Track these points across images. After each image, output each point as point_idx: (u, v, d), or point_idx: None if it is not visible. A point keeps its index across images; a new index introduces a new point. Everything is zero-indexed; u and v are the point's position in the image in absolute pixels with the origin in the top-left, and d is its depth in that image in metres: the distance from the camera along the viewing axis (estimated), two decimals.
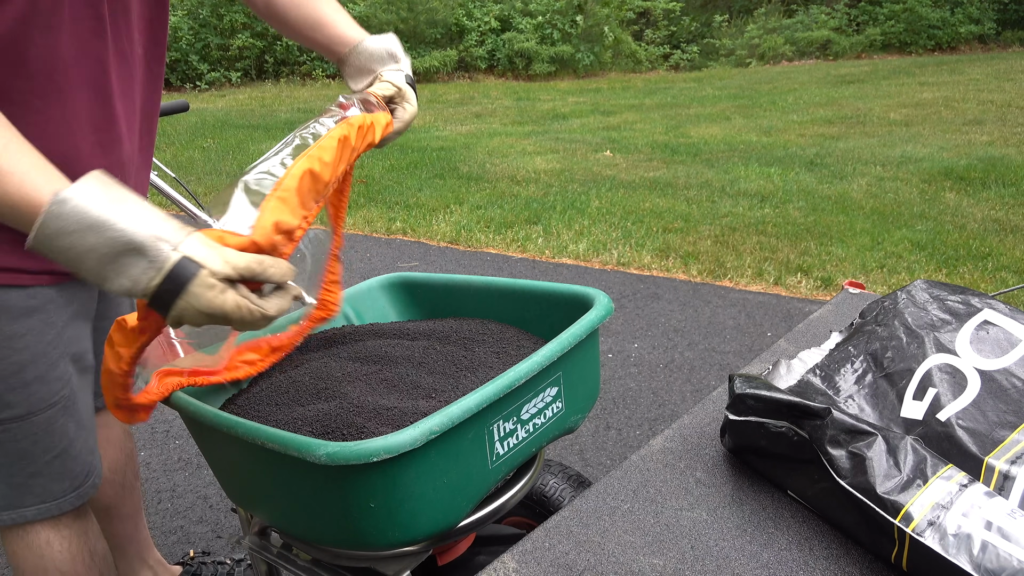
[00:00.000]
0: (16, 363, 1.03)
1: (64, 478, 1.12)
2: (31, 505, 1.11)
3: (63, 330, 1.08)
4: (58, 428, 1.09)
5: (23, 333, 1.02)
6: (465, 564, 1.16)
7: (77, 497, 1.14)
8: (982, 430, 0.79)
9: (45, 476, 1.10)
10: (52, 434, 1.08)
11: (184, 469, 2.29)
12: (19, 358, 1.03)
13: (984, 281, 3.54)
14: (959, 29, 13.90)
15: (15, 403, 1.04)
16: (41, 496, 1.11)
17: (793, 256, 3.99)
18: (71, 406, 1.11)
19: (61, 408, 1.09)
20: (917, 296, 0.98)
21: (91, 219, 0.67)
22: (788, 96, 9.78)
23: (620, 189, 5.49)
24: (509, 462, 0.95)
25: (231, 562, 1.81)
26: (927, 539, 0.68)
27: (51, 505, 1.12)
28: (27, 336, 1.03)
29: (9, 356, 1.02)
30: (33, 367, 1.04)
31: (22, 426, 1.05)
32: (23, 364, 1.03)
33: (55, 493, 1.12)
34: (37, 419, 1.06)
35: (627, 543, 0.79)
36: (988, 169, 5.41)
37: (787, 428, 0.83)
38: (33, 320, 1.03)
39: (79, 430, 1.13)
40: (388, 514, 0.84)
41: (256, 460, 0.91)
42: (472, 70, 13.63)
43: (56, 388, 1.08)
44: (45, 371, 1.06)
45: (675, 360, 2.94)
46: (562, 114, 9.39)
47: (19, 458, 1.07)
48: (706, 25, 16.67)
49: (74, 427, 1.12)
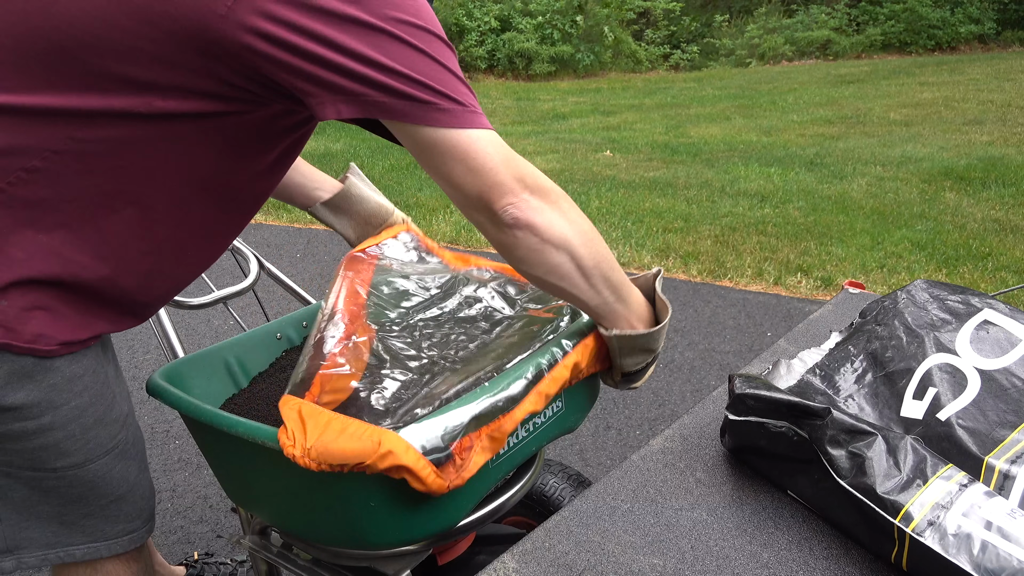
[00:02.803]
0: (77, 407, 0.93)
1: (119, 521, 1.03)
2: (80, 544, 1.02)
3: (109, 365, 1.00)
4: (116, 474, 1.00)
5: (81, 373, 0.93)
6: (465, 564, 1.16)
7: (130, 541, 1.06)
8: (982, 430, 0.79)
9: (98, 518, 1.02)
10: (110, 482, 0.99)
11: (184, 469, 2.29)
12: (80, 401, 0.93)
13: (984, 281, 3.54)
14: (959, 29, 13.90)
15: (73, 451, 0.94)
16: (92, 536, 1.02)
17: (793, 256, 3.99)
18: (129, 449, 1.02)
19: (119, 453, 1.00)
20: (917, 296, 0.98)
21: None
22: (788, 96, 9.78)
23: (620, 189, 5.49)
24: (509, 462, 0.95)
25: (233, 563, 1.80)
26: (927, 539, 0.68)
27: (100, 546, 1.03)
28: (85, 376, 0.93)
29: (70, 400, 0.92)
30: (93, 409, 0.95)
31: (78, 474, 0.96)
32: (84, 407, 0.94)
33: (107, 535, 1.03)
34: (94, 466, 0.97)
35: (627, 543, 0.79)
36: (988, 169, 5.41)
37: (787, 428, 0.83)
38: (88, 359, 0.94)
39: (140, 473, 1.05)
40: (388, 514, 0.84)
41: (256, 460, 0.91)
42: (472, 70, 13.62)
43: (114, 431, 0.99)
44: (104, 413, 0.97)
45: (675, 360, 2.94)
46: (562, 114, 9.38)
47: (71, 502, 0.99)
48: (706, 25, 16.68)
49: (135, 471, 1.04)
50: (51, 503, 0.97)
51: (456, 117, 0.82)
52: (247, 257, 1.44)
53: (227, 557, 1.82)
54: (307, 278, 3.85)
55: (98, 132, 0.81)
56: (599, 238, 0.91)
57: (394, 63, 0.79)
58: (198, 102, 0.81)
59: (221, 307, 3.13)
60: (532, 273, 0.90)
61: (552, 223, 0.86)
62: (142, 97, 0.79)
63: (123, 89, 0.79)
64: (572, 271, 0.89)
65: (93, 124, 0.80)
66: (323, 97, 0.79)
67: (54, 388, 0.89)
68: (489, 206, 0.84)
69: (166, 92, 0.80)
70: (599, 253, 0.91)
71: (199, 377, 1.09)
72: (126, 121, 0.81)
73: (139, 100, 0.80)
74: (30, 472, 0.93)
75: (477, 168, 0.83)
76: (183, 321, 3.30)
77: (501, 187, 0.84)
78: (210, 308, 3.01)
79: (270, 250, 4.28)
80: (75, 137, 0.80)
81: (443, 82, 0.82)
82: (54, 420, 0.90)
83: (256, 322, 3.07)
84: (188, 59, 0.77)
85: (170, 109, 0.81)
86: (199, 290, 1.40)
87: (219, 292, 1.36)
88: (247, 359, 1.17)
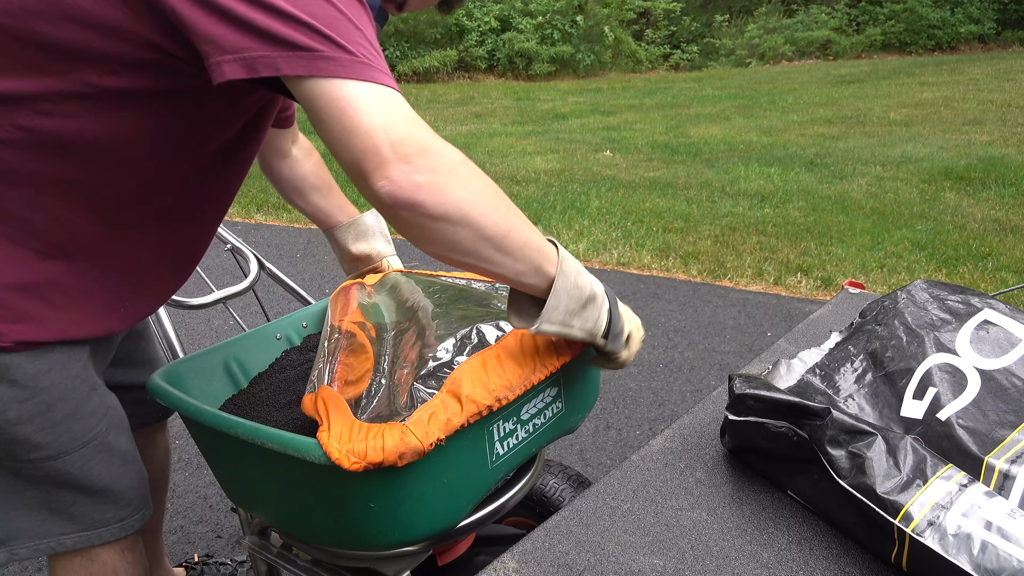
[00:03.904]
0: (43, 402, 0.93)
1: (108, 509, 1.04)
2: (71, 533, 1.02)
3: (89, 359, 1.00)
4: (96, 465, 1.00)
5: (46, 369, 0.92)
6: (465, 564, 1.16)
7: (121, 528, 1.06)
8: (982, 429, 0.79)
9: (86, 506, 1.02)
10: (89, 473, 1.00)
11: (184, 469, 2.29)
12: (45, 397, 0.93)
13: (984, 281, 3.54)
14: (959, 29, 13.90)
15: (45, 444, 0.95)
16: (82, 524, 1.03)
17: (793, 256, 3.99)
18: (109, 441, 1.02)
19: (97, 446, 1.00)
20: (917, 296, 0.98)
21: (577, 267, 0.87)
22: (788, 96, 9.78)
23: (620, 189, 5.49)
24: (509, 462, 0.95)
25: (233, 563, 1.80)
26: (927, 539, 0.68)
27: (91, 534, 1.03)
28: (51, 372, 0.93)
29: (34, 396, 0.92)
30: (63, 404, 0.95)
31: (54, 465, 0.97)
32: (51, 403, 0.94)
33: (97, 523, 1.04)
34: (71, 458, 0.97)
35: (627, 543, 0.79)
36: (988, 169, 5.41)
37: (787, 428, 0.83)
38: (55, 354, 0.93)
39: (124, 465, 1.04)
40: (388, 514, 0.84)
41: (256, 460, 0.90)
42: (472, 70, 13.62)
43: (90, 424, 0.99)
44: (76, 407, 0.97)
45: (675, 360, 2.94)
46: (562, 114, 9.39)
47: (56, 487, 0.99)
48: (706, 25, 16.68)
49: (119, 462, 1.04)
50: (37, 488, 0.99)
51: (342, 66, 0.72)
52: (247, 257, 1.44)
53: (227, 557, 1.82)
54: (307, 278, 3.85)
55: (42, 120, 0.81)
56: (505, 204, 0.80)
57: (285, 3, 0.71)
58: (131, 77, 0.79)
59: (221, 307, 3.13)
60: (434, 251, 0.79)
61: (442, 197, 0.73)
62: (76, 74, 0.79)
63: (55, 63, 0.78)
64: (478, 245, 0.78)
65: (35, 109, 0.80)
66: (215, 57, 0.72)
67: (15, 384, 0.90)
68: (364, 180, 0.73)
69: (98, 65, 0.78)
70: (507, 220, 0.79)
71: (199, 377, 1.09)
72: (68, 103, 0.80)
73: (74, 78, 0.79)
74: (10, 462, 0.95)
75: (351, 129, 0.72)
76: (183, 321, 3.30)
77: (374, 155, 0.71)
78: (210, 308, 3.01)
79: (270, 250, 4.28)
80: (19, 126, 0.81)
81: (335, 27, 0.73)
82: (19, 415, 0.91)
83: (256, 322, 3.07)
84: (111, 15, 0.76)
85: (106, 86, 0.79)
86: (199, 290, 1.40)
87: (219, 292, 1.36)
88: (247, 359, 1.17)
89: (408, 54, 13.06)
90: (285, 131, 1.30)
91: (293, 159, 1.31)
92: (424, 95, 11.23)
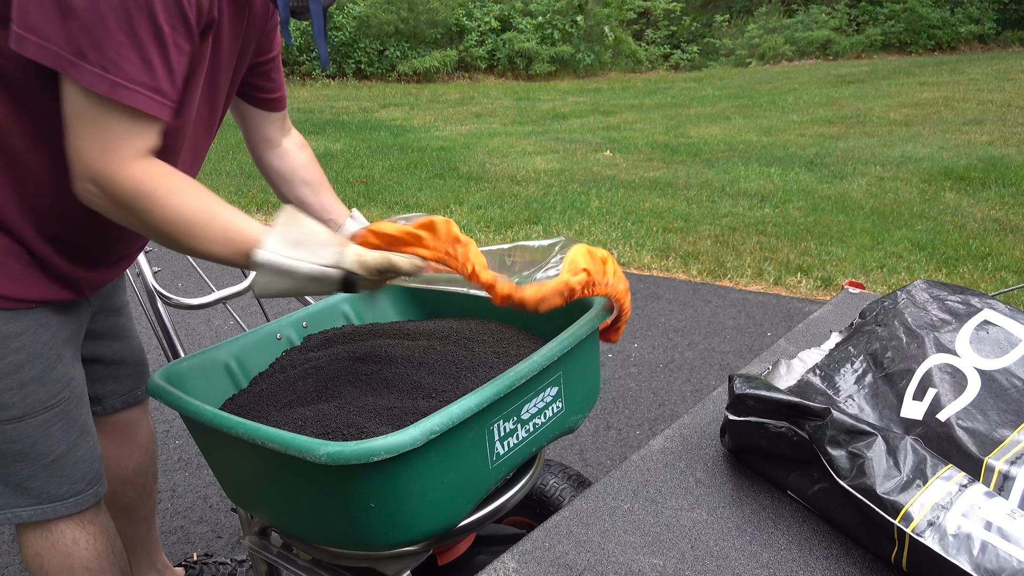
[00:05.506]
0: (13, 363, 1.02)
1: (63, 483, 1.11)
2: (27, 506, 1.10)
3: (58, 331, 1.07)
4: (55, 433, 1.08)
5: (19, 332, 1.01)
6: (465, 564, 1.16)
7: (75, 503, 1.13)
8: (982, 430, 0.79)
9: (42, 479, 1.09)
10: (49, 438, 1.07)
11: (184, 469, 2.29)
12: (16, 358, 1.02)
13: (984, 281, 3.54)
14: (959, 29, 13.90)
15: (11, 404, 1.03)
16: (38, 498, 1.10)
17: (793, 256, 3.99)
18: (71, 410, 1.10)
19: (59, 412, 1.08)
20: (917, 296, 0.98)
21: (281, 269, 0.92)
22: (788, 96, 9.77)
23: (620, 189, 5.49)
24: (509, 462, 0.95)
25: (233, 563, 1.80)
26: (927, 539, 0.68)
27: (47, 508, 1.11)
28: (23, 336, 1.02)
29: (5, 356, 1.01)
30: (31, 367, 1.04)
31: (18, 428, 1.04)
32: (20, 364, 1.02)
33: (52, 496, 1.11)
34: (34, 421, 1.05)
35: (627, 543, 0.79)
36: (988, 169, 5.41)
37: (787, 428, 0.83)
38: (28, 320, 1.02)
39: (81, 436, 1.12)
40: (388, 514, 0.84)
41: (256, 460, 0.91)
42: (472, 70, 13.62)
43: (55, 390, 1.07)
44: (42, 372, 1.05)
45: (675, 360, 2.94)
46: (562, 114, 9.38)
47: (14, 459, 1.06)
48: (706, 25, 16.67)
49: (77, 432, 1.11)
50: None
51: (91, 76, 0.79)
52: None
53: (227, 557, 1.82)
54: None
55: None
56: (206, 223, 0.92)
57: None
58: None
59: (221, 307, 3.13)
60: None
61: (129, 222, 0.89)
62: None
63: None
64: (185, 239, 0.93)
65: None
66: None
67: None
68: None
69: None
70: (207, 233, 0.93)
71: (199, 377, 1.09)
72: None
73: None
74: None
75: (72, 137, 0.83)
76: (183, 321, 3.30)
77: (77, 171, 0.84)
78: (210, 308, 3.00)
79: None
80: None
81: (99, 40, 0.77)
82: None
83: (256, 322, 3.07)
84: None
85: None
86: (199, 290, 1.40)
87: (219, 292, 1.36)
88: (247, 359, 1.17)
89: (408, 54, 13.05)
90: (272, 119, 1.29)
91: (283, 150, 1.31)
92: (424, 95, 11.23)
